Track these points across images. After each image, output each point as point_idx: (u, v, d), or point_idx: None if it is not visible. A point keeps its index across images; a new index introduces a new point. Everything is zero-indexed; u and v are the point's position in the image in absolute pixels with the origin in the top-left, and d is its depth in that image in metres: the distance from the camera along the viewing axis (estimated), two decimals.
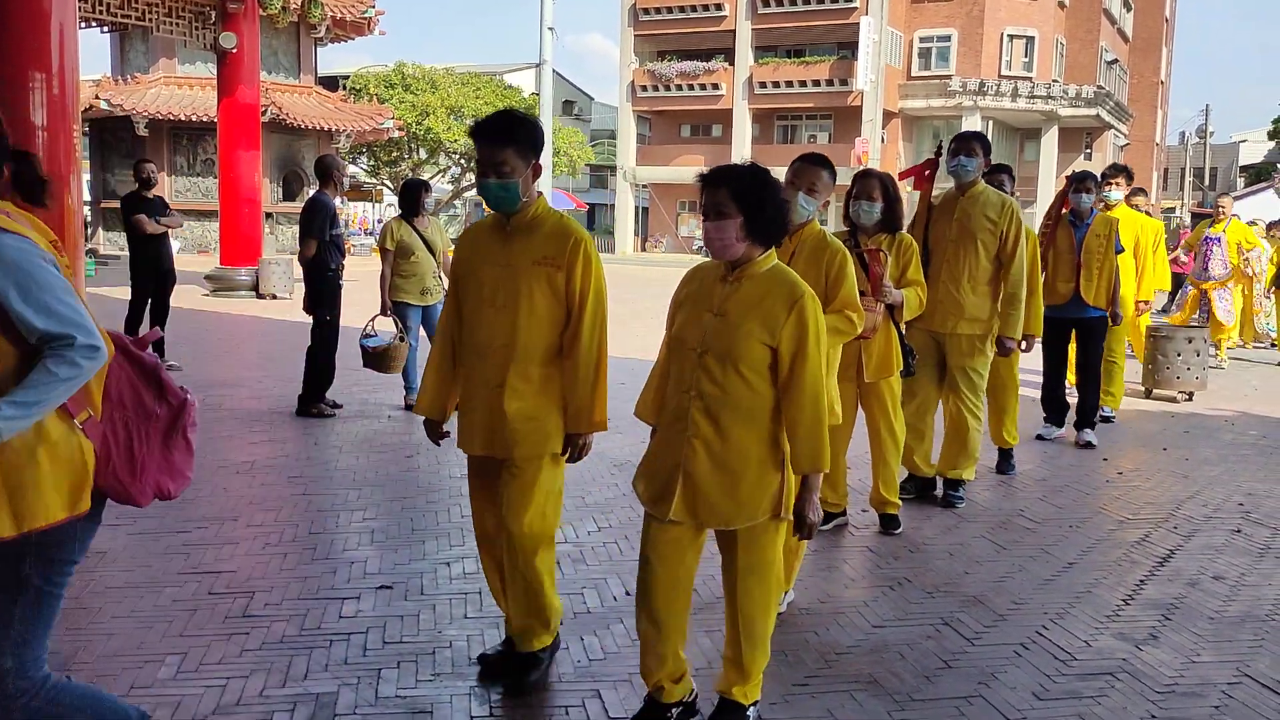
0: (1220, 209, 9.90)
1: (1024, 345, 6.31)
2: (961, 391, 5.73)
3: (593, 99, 64.10)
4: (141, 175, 9.56)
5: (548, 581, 3.44)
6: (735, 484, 2.95)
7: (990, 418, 6.54)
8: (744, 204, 2.88)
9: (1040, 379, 7.69)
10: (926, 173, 5.86)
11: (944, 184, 5.99)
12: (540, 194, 3.39)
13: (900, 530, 5.25)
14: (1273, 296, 12.00)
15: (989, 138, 6.30)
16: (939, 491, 5.92)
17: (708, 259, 3.12)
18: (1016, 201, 5.81)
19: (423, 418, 3.56)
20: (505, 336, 3.30)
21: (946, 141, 5.79)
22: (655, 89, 46.23)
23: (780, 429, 2.98)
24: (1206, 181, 55.96)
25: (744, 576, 3.06)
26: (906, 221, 5.27)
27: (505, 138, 3.22)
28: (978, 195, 5.67)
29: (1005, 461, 6.63)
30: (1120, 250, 7.22)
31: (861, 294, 4.45)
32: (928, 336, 5.70)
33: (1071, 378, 7.76)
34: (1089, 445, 7.30)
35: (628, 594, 4.22)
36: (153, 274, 9.58)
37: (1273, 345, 12.36)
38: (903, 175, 5.70)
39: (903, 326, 5.03)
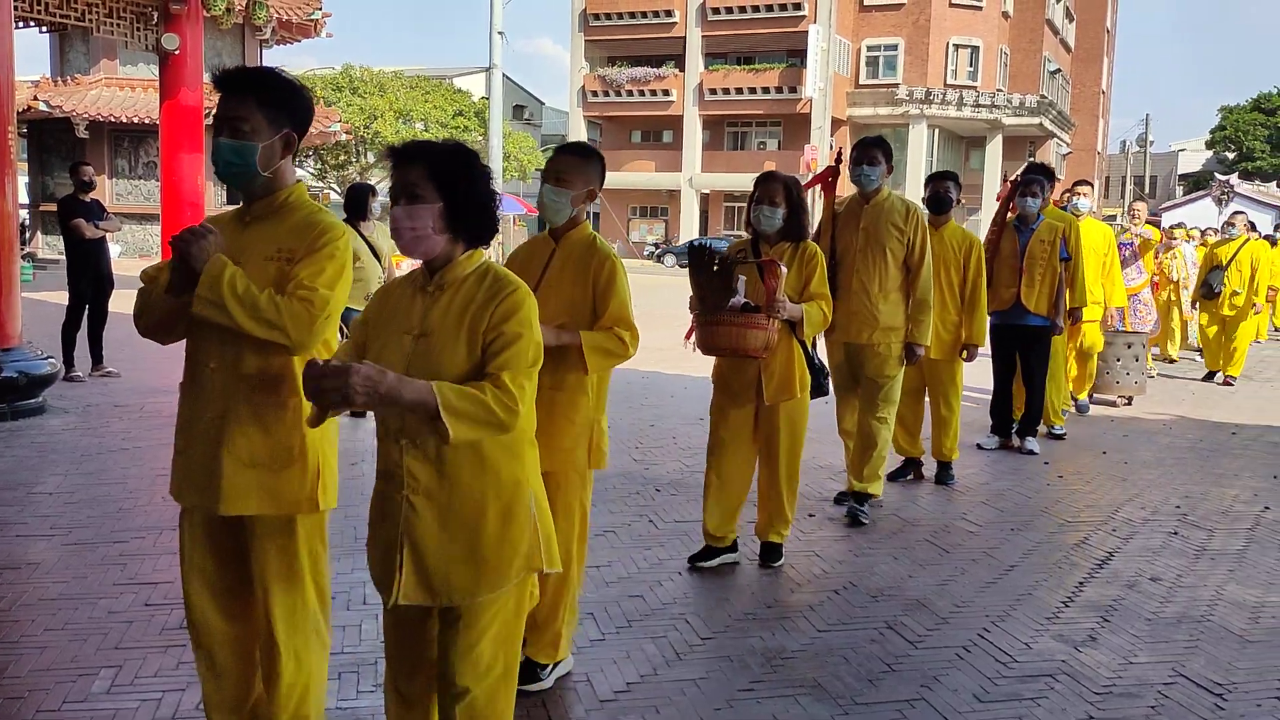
0: (1135, 214, 10.09)
1: (965, 355, 6.39)
2: (875, 401, 5.54)
3: (543, 104, 63.99)
4: (81, 178, 9.38)
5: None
6: (474, 547, 2.38)
7: (932, 429, 6.57)
8: (444, 187, 2.35)
9: (974, 388, 7.77)
10: (829, 180, 5.77)
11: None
12: (299, 181, 2.79)
13: (780, 563, 4.80)
14: (1197, 307, 12.12)
15: (934, 145, 6.35)
16: (847, 503, 5.68)
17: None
18: (919, 205, 5.72)
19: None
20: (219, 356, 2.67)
21: (847, 149, 5.79)
22: (606, 94, 46.28)
23: (521, 464, 2.45)
24: (1147, 190, 57.06)
25: (464, 656, 2.42)
26: (812, 230, 5.09)
27: (248, 88, 2.63)
28: (882, 203, 5.55)
29: (944, 472, 6.58)
30: (1065, 258, 7.27)
31: (755, 309, 4.30)
32: (843, 349, 5.60)
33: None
34: (1030, 453, 7.39)
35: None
36: (91, 279, 9.41)
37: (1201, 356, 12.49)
38: (807, 185, 5.53)
39: (809, 343, 4.73)
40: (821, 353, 5.16)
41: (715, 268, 4.39)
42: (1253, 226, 12.50)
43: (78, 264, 9.39)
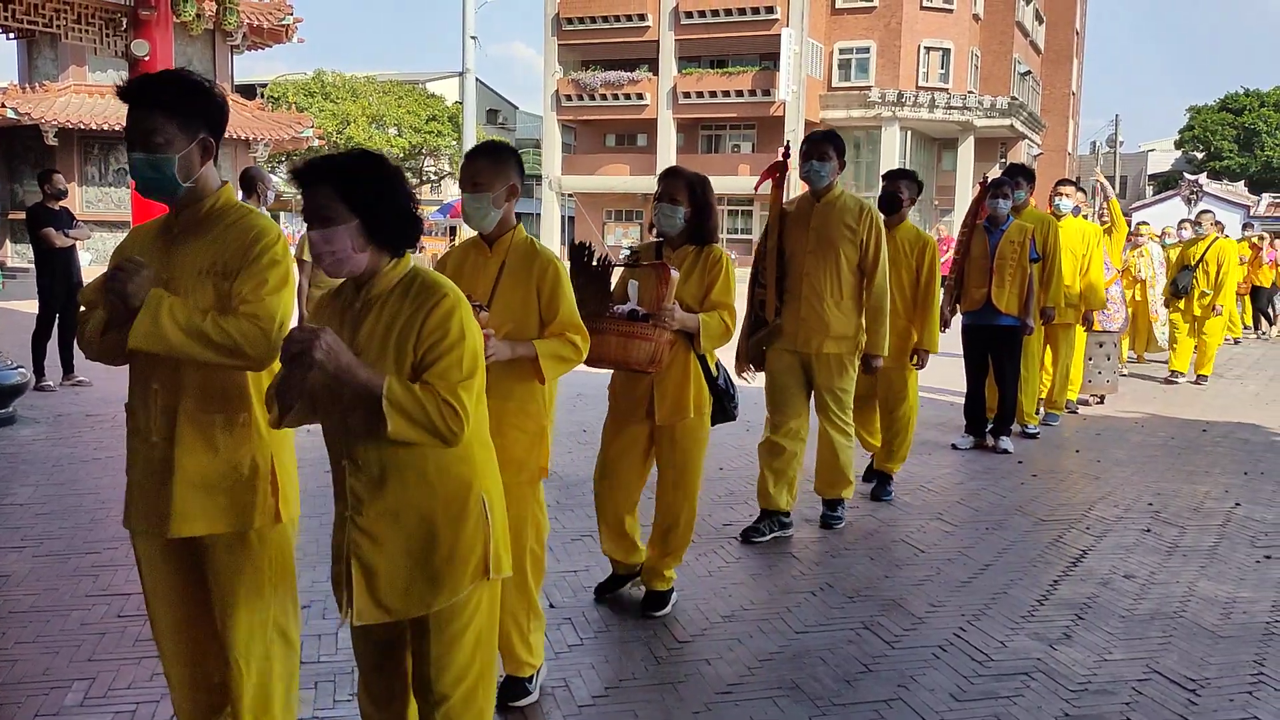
0: (1103, 212, 10.19)
1: (916, 361, 6.08)
2: (831, 412, 5.28)
3: (517, 108, 63.94)
4: (57, 187, 9.32)
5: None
6: (425, 559, 2.36)
7: (880, 440, 6.25)
8: (355, 203, 2.26)
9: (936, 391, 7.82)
10: (776, 176, 5.29)
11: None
12: (225, 183, 2.68)
13: (664, 612, 4.24)
14: (1168, 308, 12.18)
15: (907, 147, 6.26)
16: (789, 521, 5.36)
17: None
18: (871, 203, 5.37)
19: None
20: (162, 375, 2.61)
21: (796, 143, 5.57)
22: (580, 98, 46.24)
23: (470, 466, 2.41)
24: (1117, 189, 57.58)
25: (438, 662, 2.43)
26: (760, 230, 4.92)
27: (154, 98, 2.50)
28: (834, 201, 5.20)
29: (882, 486, 6.15)
30: (1036, 258, 7.34)
31: (645, 317, 3.88)
32: (794, 357, 5.25)
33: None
34: (1005, 452, 7.44)
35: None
36: (62, 287, 9.33)
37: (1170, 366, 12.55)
38: (757, 182, 5.29)
39: (712, 361, 4.21)
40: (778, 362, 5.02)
41: (594, 269, 3.96)
42: (1221, 227, 12.58)
43: (47, 273, 9.31)
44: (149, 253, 2.62)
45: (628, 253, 4.75)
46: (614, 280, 4.09)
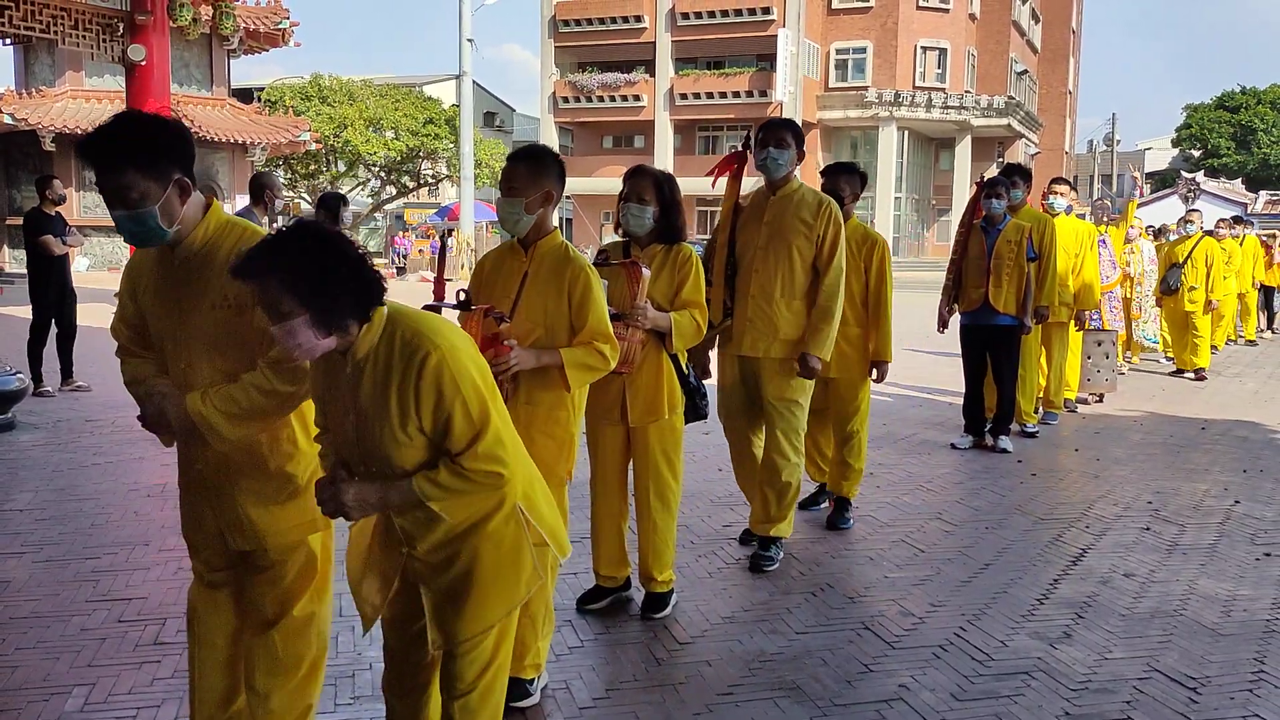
0: (1101, 211, 10.22)
1: (875, 375, 5.56)
2: (777, 429, 4.76)
3: (514, 110, 63.95)
4: (58, 193, 9.37)
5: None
6: (483, 586, 2.47)
7: (832, 460, 5.73)
8: (304, 295, 2.15)
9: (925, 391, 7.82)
10: (733, 168, 4.96)
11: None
12: (210, 202, 2.64)
13: (665, 613, 4.23)
14: (1160, 305, 12.26)
15: (904, 147, 6.07)
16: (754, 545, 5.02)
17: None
18: (832, 199, 4.90)
19: None
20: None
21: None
22: (577, 100, 46.32)
23: (509, 488, 2.43)
24: (1114, 188, 57.63)
25: (465, 656, 2.55)
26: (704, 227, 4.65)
27: (120, 157, 2.42)
28: (791, 194, 4.79)
29: (840, 513, 5.59)
30: (1033, 257, 7.34)
31: (617, 317, 3.72)
32: (740, 364, 4.86)
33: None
34: (1004, 452, 7.44)
35: None
36: (56, 294, 9.35)
37: (1169, 358, 12.60)
38: (714, 175, 5.03)
39: (683, 359, 4.19)
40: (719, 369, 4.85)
41: None
42: (1228, 224, 12.73)
43: (41, 278, 9.32)
44: (159, 284, 2.66)
45: (589, 252, 4.61)
46: None
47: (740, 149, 4.98)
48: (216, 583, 2.85)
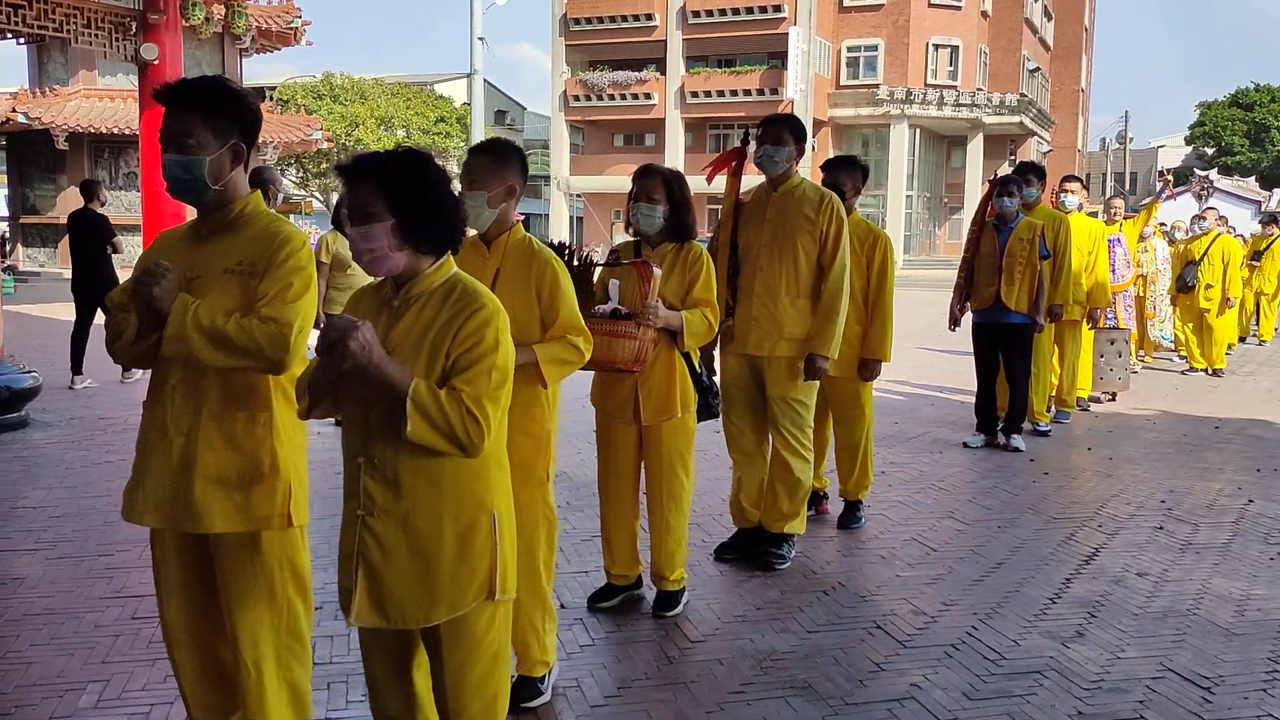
0: (1113, 210, 10.15)
1: (865, 373, 5.41)
2: (783, 427, 4.75)
3: (525, 109, 64.03)
4: (101, 195, 9.73)
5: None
6: (428, 570, 2.33)
7: (837, 461, 5.67)
8: (395, 201, 2.26)
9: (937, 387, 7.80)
10: (730, 165, 4.96)
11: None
12: (255, 191, 2.75)
13: (676, 611, 4.23)
14: (1175, 304, 12.22)
15: (916, 145, 5.94)
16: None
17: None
18: (835, 195, 4.85)
19: None
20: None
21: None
22: (588, 98, 46.30)
23: (484, 483, 2.39)
24: (1127, 186, 57.40)
25: (454, 675, 2.42)
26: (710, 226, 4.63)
27: (191, 102, 2.57)
28: (793, 191, 4.76)
29: (851, 514, 5.55)
30: (1045, 255, 7.32)
31: (629, 316, 3.78)
32: (744, 363, 4.83)
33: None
34: (1016, 450, 7.41)
35: None
36: (105, 291, 9.52)
37: (1181, 357, 12.54)
38: (710, 172, 5.01)
39: (695, 357, 4.18)
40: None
41: (575, 269, 3.81)
42: (1224, 221, 12.71)
43: (91, 280, 9.66)
44: (175, 254, 2.66)
45: (595, 252, 4.60)
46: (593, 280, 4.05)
47: (739, 145, 4.97)
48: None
